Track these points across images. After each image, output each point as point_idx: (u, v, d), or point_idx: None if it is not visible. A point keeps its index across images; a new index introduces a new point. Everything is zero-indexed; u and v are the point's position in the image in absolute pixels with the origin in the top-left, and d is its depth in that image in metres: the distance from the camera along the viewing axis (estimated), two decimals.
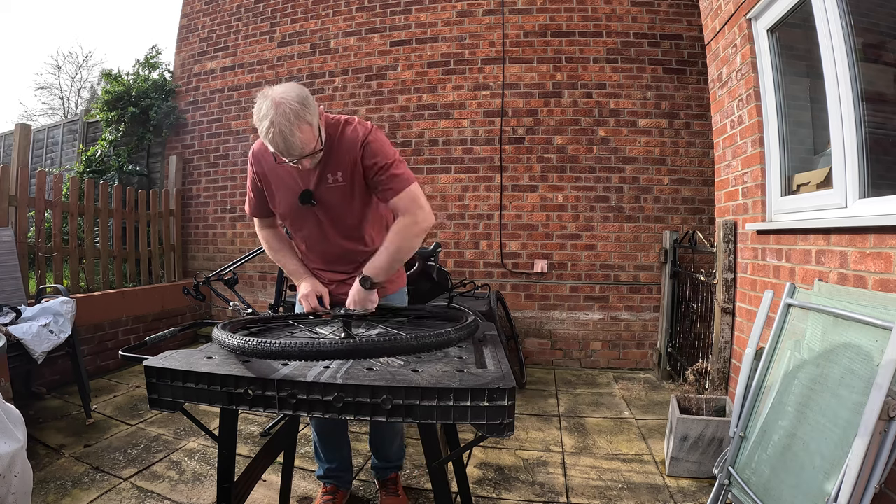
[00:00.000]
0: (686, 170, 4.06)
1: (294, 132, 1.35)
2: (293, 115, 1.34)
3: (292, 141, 1.36)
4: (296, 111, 1.35)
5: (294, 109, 1.34)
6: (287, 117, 1.34)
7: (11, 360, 2.42)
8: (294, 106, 1.35)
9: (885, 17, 1.95)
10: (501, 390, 1.01)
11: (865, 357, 1.32)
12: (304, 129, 1.37)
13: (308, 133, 1.39)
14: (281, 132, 1.34)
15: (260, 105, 1.37)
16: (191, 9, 5.27)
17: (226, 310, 4.80)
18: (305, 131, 1.38)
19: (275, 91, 1.37)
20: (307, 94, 1.41)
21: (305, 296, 1.65)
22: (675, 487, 2.17)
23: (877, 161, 1.83)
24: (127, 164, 5.13)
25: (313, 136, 1.42)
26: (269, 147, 1.43)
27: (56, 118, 17.89)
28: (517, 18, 4.28)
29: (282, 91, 1.37)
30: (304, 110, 1.37)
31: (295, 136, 1.36)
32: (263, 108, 1.36)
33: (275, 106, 1.34)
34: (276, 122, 1.33)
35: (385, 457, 2.01)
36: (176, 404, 1.14)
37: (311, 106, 1.40)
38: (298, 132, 1.36)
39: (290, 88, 1.38)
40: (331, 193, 1.59)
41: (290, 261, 1.76)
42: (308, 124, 1.38)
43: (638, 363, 4.10)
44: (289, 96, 1.35)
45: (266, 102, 1.36)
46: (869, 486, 1.19)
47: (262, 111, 1.36)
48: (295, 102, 1.35)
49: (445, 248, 4.34)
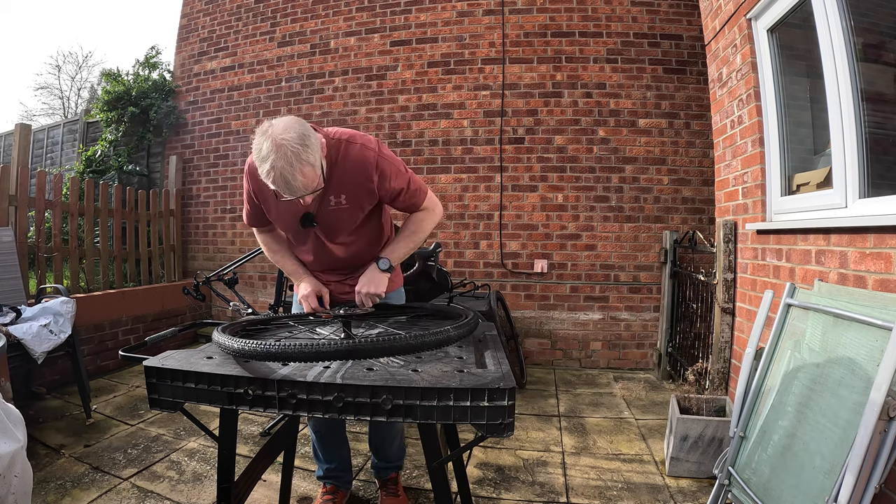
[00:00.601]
0: (686, 170, 4.06)
1: (296, 176, 1.29)
2: (295, 157, 1.27)
3: (294, 184, 1.31)
4: (297, 154, 1.28)
5: (296, 152, 1.27)
6: (289, 160, 1.27)
7: (11, 360, 2.42)
8: (296, 148, 1.27)
9: (885, 17, 1.95)
10: (501, 390, 1.01)
11: (866, 357, 1.32)
12: (306, 171, 1.31)
13: (310, 174, 1.33)
14: (283, 176, 1.28)
15: (260, 144, 1.30)
16: (191, 9, 5.27)
17: (226, 310, 4.80)
18: (308, 173, 1.31)
19: (275, 129, 1.29)
20: (308, 132, 1.33)
21: (305, 296, 1.65)
22: (675, 487, 2.17)
23: (877, 161, 1.83)
24: (127, 164, 5.13)
25: (316, 176, 1.36)
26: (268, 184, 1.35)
27: (56, 118, 17.90)
28: (517, 18, 4.28)
29: (282, 130, 1.29)
30: (307, 151, 1.30)
31: (297, 179, 1.30)
32: (264, 148, 1.28)
33: (276, 148, 1.27)
34: (277, 165, 1.27)
35: (385, 457, 2.01)
36: (176, 404, 1.14)
37: (312, 145, 1.32)
38: (301, 176, 1.30)
39: (290, 127, 1.30)
40: (333, 215, 1.57)
41: (289, 261, 1.75)
42: (311, 165, 1.31)
43: (638, 363, 4.10)
44: (290, 137, 1.28)
45: (266, 143, 1.28)
46: (869, 486, 1.19)
47: (262, 152, 1.29)
48: (296, 144, 1.28)
49: (445, 248, 4.34)
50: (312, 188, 1.37)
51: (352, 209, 1.57)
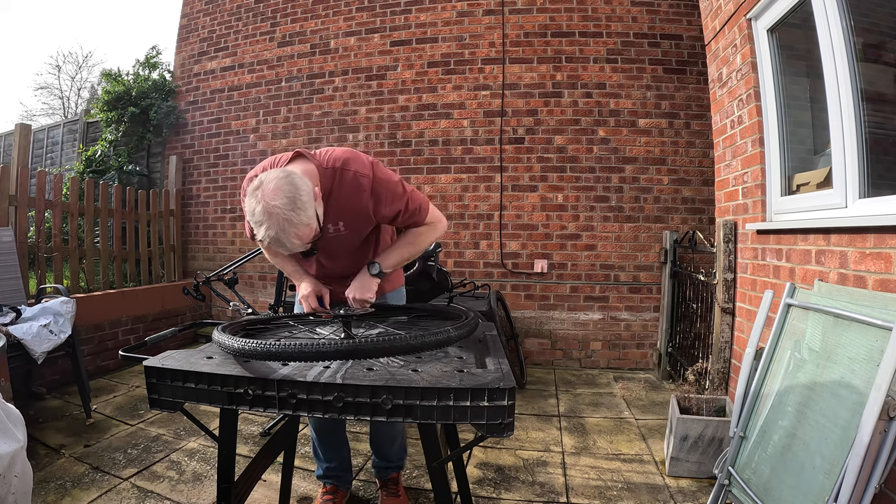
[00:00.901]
0: (686, 170, 4.06)
1: (291, 239, 1.27)
2: (287, 223, 1.24)
3: (290, 246, 1.30)
4: (289, 220, 1.24)
5: (288, 219, 1.24)
6: (281, 227, 1.24)
7: (11, 360, 2.42)
8: (287, 215, 1.23)
9: (885, 17, 1.95)
10: (501, 390, 1.01)
11: (865, 357, 1.32)
12: (301, 232, 1.28)
13: (305, 233, 1.30)
14: (278, 240, 1.27)
15: (252, 207, 1.25)
16: (191, 9, 5.27)
17: (226, 310, 4.80)
18: (303, 233, 1.29)
19: (265, 192, 1.24)
20: (298, 190, 1.26)
21: (306, 296, 1.65)
22: (675, 487, 2.17)
23: (877, 161, 1.83)
24: (127, 164, 5.13)
25: (311, 230, 1.32)
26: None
27: (56, 118, 17.90)
28: (517, 18, 4.28)
29: (272, 194, 1.23)
30: (299, 214, 1.25)
31: (292, 241, 1.28)
32: (256, 213, 1.25)
33: (267, 216, 1.23)
34: (270, 232, 1.25)
35: (386, 456, 2.00)
36: (176, 404, 1.14)
37: (304, 203, 1.27)
38: (295, 238, 1.28)
39: (279, 190, 1.24)
40: (333, 242, 1.57)
41: (290, 264, 1.75)
42: (305, 225, 1.28)
43: (638, 363, 4.10)
44: (280, 203, 1.23)
45: (258, 208, 1.24)
46: (869, 486, 1.19)
47: (255, 216, 1.25)
48: (287, 210, 1.23)
49: (445, 248, 4.34)
50: (309, 240, 1.35)
51: (351, 235, 1.57)
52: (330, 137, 4.62)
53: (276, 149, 4.77)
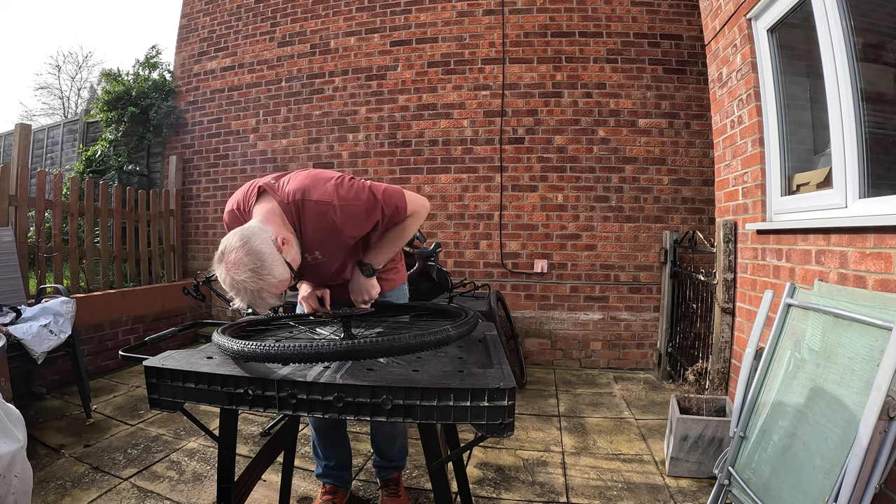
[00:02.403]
0: (686, 170, 4.06)
1: (265, 300, 1.27)
2: (257, 291, 1.24)
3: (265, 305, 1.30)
4: (259, 288, 1.23)
5: (257, 288, 1.23)
6: (253, 296, 1.24)
7: (11, 360, 2.42)
8: (255, 285, 1.23)
9: (885, 17, 1.95)
10: (501, 390, 1.01)
11: (865, 357, 1.32)
12: (272, 290, 1.26)
13: (277, 288, 1.28)
14: (251, 304, 1.27)
15: (222, 276, 1.24)
16: (191, 9, 5.27)
17: (226, 310, 4.80)
18: (275, 290, 1.27)
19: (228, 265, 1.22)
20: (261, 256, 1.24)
21: (306, 297, 1.65)
22: (675, 487, 2.17)
23: (877, 161, 1.83)
24: (127, 164, 5.13)
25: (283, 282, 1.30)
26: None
27: (56, 118, 17.90)
28: (517, 18, 4.28)
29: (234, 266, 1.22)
30: (266, 279, 1.24)
31: (266, 302, 1.28)
32: (227, 283, 1.24)
33: (236, 290, 1.23)
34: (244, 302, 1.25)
35: (387, 456, 2.00)
36: (176, 404, 1.14)
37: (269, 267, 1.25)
38: (269, 298, 1.27)
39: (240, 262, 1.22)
40: (314, 269, 1.56)
41: None
42: (276, 284, 1.27)
43: (638, 363, 4.10)
44: (245, 277, 1.22)
45: (228, 279, 1.23)
46: (869, 486, 1.19)
47: (225, 283, 1.24)
48: (254, 281, 1.22)
49: (445, 248, 4.34)
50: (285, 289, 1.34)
51: (329, 261, 1.55)
52: (330, 137, 4.62)
53: (275, 149, 4.77)
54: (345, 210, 1.43)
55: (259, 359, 1.07)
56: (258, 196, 1.46)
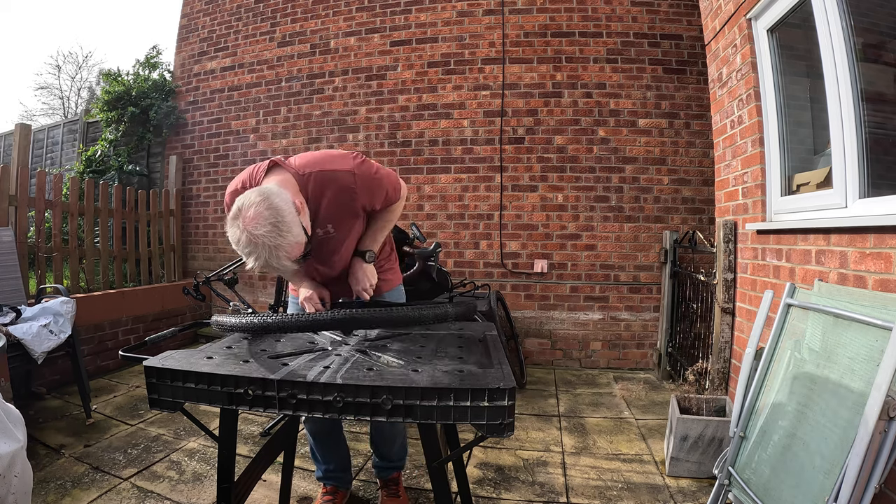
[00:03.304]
0: (686, 170, 4.06)
1: (281, 261, 1.25)
2: (275, 249, 1.22)
3: (281, 267, 1.28)
4: (277, 246, 1.21)
5: (275, 244, 1.21)
6: (270, 253, 1.22)
7: (11, 360, 2.42)
8: (274, 240, 1.21)
9: (885, 17, 1.95)
10: (501, 390, 1.01)
11: (865, 357, 1.32)
12: (290, 251, 1.26)
13: (295, 249, 1.28)
14: (268, 264, 1.24)
15: (236, 236, 1.23)
16: (191, 9, 5.27)
17: (226, 310, 4.80)
18: (293, 251, 1.27)
19: (246, 221, 1.21)
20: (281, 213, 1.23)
21: (308, 298, 1.64)
22: (675, 487, 2.17)
23: (877, 161, 1.83)
24: (127, 164, 5.13)
25: (300, 245, 1.30)
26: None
27: (56, 118, 17.90)
28: (517, 18, 4.28)
29: (253, 221, 1.20)
30: (286, 236, 1.23)
31: (282, 262, 1.26)
32: (242, 241, 1.22)
33: (253, 245, 1.21)
34: (259, 261, 1.23)
35: (387, 456, 1.99)
36: (176, 404, 1.14)
37: (288, 225, 1.24)
38: (286, 259, 1.26)
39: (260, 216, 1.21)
40: (324, 245, 1.56)
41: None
42: (292, 244, 1.25)
43: (638, 363, 4.10)
44: (264, 231, 1.20)
45: (243, 237, 1.21)
46: (869, 486, 1.19)
47: (240, 244, 1.22)
48: (273, 236, 1.20)
49: (445, 248, 4.34)
50: (301, 254, 1.33)
51: (340, 235, 1.57)
52: (330, 137, 4.62)
53: (275, 149, 4.77)
54: (362, 179, 1.47)
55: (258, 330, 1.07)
56: (268, 171, 1.46)
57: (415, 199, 4.41)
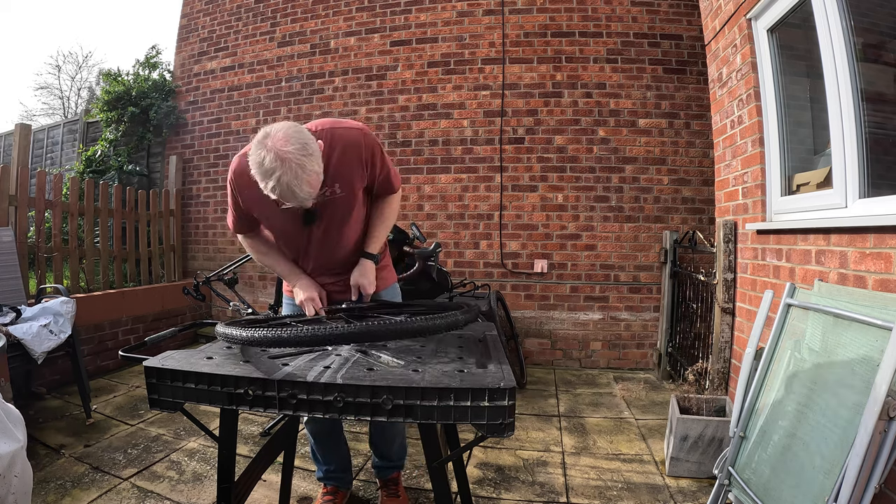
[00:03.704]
0: (686, 170, 4.06)
1: (303, 187, 1.28)
2: (301, 169, 1.25)
3: (301, 195, 1.29)
4: (303, 166, 1.25)
5: (301, 164, 1.25)
6: (295, 173, 1.24)
7: (11, 360, 2.42)
8: (301, 160, 1.25)
9: (885, 17, 1.95)
10: (502, 390, 1.01)
11: (865, 357, 1.32)
12: (311, 179, 1.29)
13: (315, 181, 1.31)
14: (290, 188, 1.26)
15: (261, 157, 1.25)
16: (191, 9, 5.27)
17: (226, 310, 4.80)
18: (313, 180, 1.30)
19: (275, 141, 1.25)
20: (308, 139, 1.30)
21: (311, 298, 1.63)
22: (675, 487, 2.17)
23: (877, 161, 1.83)
24: (127, 164, 5.13)
25: (319, 181, 1.34)
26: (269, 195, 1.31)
27: (56, 118, 17.89)
28: (517, 18, 4.28)
29: (283, 141, 1.25)
30: (311, 160, 1.27)
31: (304, 189, 1.28)
32: (267, 162, 1.24)
33: (281, 162, 1.23)
34: (283, 179, 1.24)
35: (386, 456, 1.99)
36: (176, 404, 1.14)
37: (314, 151, 1.30)
38: (308, 186, 1.29)
39: (290, 137, 1.26)
40: (330, 206, 1.57)
41: (282, 262, 1.72)
42: (315, 173, 1.30)
43: (638, 363, 4.10)
44: (293, 149, 1.24)
45: (269, 157, 1.24)
46: (869, 486, 1.19)
47: (265, 165, 1.24)
48: (301, 156, 1.25)
49: (445, 248, 4.34)
50: (316, 193, 1.36)
51: (347, 196, 1.57)
52: None
53: None
54: (368, 140, 1.54)
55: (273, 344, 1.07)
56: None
57: (415, 199, 4.41)
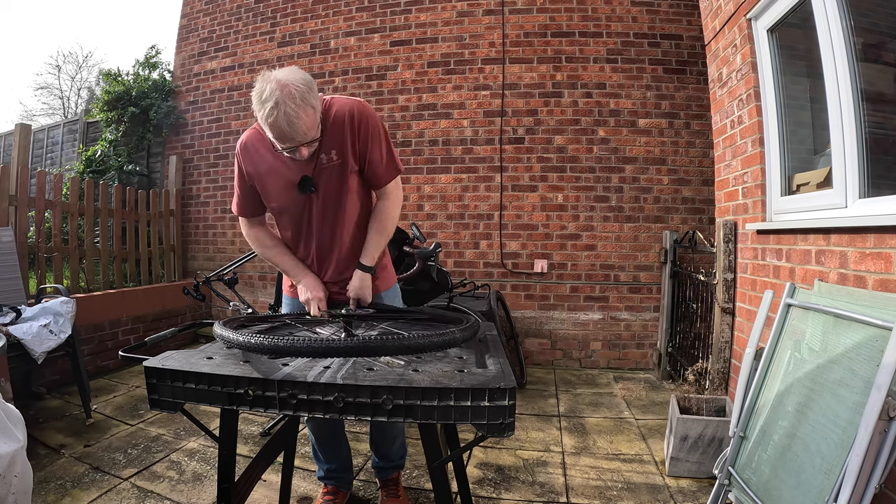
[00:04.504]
0: (686, 170, 4.06)
1: (300, 116, 1.31)
2: (299, 97, 1.30)
3: (297, 125, 1.32)
4: (302, 94, 1.31)
5: (300, 92, 1.30)
6: (294, 100, 1.29)
7: (11, 360, 2.42)
8: (300, 88, 1.31)
9: (885, 17, 1.95)
10: (502, 390, 1.01)
11: (865, 357, 1.32)
12: (308, 113, 1.33)
13: (312, 118, 1.36)
14: (286, 115, 1.29)
15: (262, 87, 1.31)
16: (191, 9, 5.27)
17: (226, 310, 4.80)
18: (310, 116, 1.34)
19: (278, 73, 1.32)
20: (311, 79, 1.38)
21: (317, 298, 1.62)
22: (675, 487, 2.17)
23: (877, 161, 1.83)
24: (127, 164, 5.12)
25: (315, 122, 1.39)
26: (268, 133, 1.37)
27: (56, 118, 17.87)
28: (517, 18, 4.28)
29: (286, 73, 1.32)
30: (310, 94, 1.34)
31: (300, 119, 1.31)
32: (266, 90, 1.29)
33: (280, 88, 1.28)
34: (280, 105, 1.28)
35: (386, 456, 1.98)
36: (176, 405, 1.14)
37: (315, 90, 1.37)
38: (304, 116, 1.32)
39: (294, 71, 1.35)
40: (327, 174, 1.56)
41: (286, 257, 1.70)
42: (312, 108, 1.35)
43: (638, 363, 4.10)
44: (294, 78, 1.31)
45: (269, 85, 1.30)
46: (869, 486, 1.19)
47: (264, 93, 1.30)
48: (301, 85, 1.31)
49: (445, 248, 4.34)
50: (312, 136, 1.39)
51: (343, 164, 1.56)
52: None
53: None
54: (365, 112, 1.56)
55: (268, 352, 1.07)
56: None
57: (415, 199, 4.41)
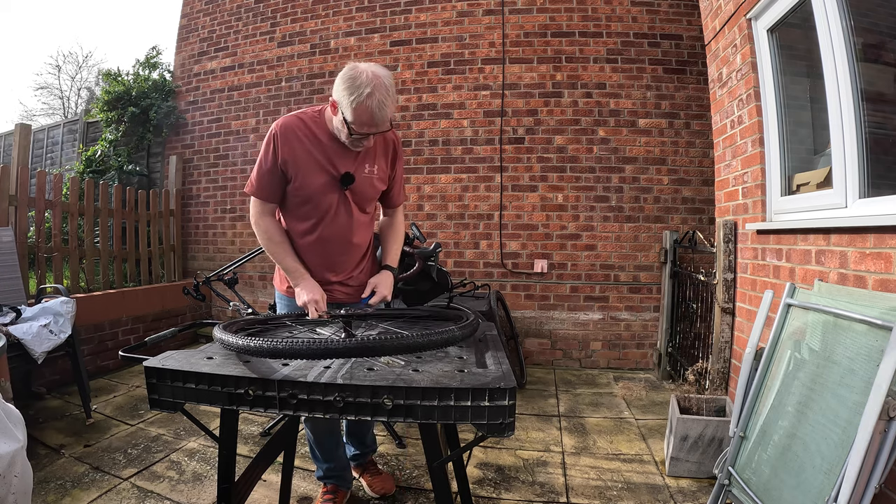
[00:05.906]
0: (686, 170, 4.06)
1: (389, 105, 1.48)
2: (391, 90, 1.48)
3: (385, 113, 1.48)
4: (391, 87, 1.48)
5: (389, 87, 1.48)
6: (386, 92, 1.46)
7: (11, 360, 2.42)
8: (389, 83, 1.48)
9: (885, 17, 1.95)
10: (502, 390, 1.01)
11: (865, 357, 1.32)
12: (392, 105, 1.50)
13: (393, 108, 1.52)
14: (380, 102, 1.45)
15: (355, 75, 1.45)
16: (191, 9, 5.27)
17: (226, 310, 4.80)
18: (392, 109, 1.51)
19: (370, 65, 1.48)
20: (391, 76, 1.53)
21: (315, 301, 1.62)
22: (675, 487, 2.17)
23: (877, 161, 1.83)
24: (127, 164, 5.12)
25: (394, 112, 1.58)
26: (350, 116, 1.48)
27: (56, 118, 17.87)
28: (517, 18, 4.28)
29: (377, 67, 1.48)
30: (394, 90, 1.51)
31: (388, 108, 1.48)
32: (362, 78, 1.44)
33: (375, 78, 1.44)
34: (376, 94, 1.43)
35: (363, 443, 2.12)
36: (176, 405, 1.14)
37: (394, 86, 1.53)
38: (390, 108, 1.49)
39: (381, 67, 1.50)
40: (364, 183, 1.71)
41: (290, 257, 1.71)
42: (394, 101, 1.52)
43: (638, 363, 4.10)
44: (385, 73, 1.48)
45: (364, 75, 1.45)
46: (869, 486, 1.19)
47: (359, 80, 1.44)
48: (390, 80, 1.49)
49: (445, 248, 4.34)
50: (387, 127, 1.55)
51: (378, 181, 1.74)
52: None
53: None
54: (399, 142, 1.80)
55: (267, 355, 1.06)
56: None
57: (415, 199, 4.41)
